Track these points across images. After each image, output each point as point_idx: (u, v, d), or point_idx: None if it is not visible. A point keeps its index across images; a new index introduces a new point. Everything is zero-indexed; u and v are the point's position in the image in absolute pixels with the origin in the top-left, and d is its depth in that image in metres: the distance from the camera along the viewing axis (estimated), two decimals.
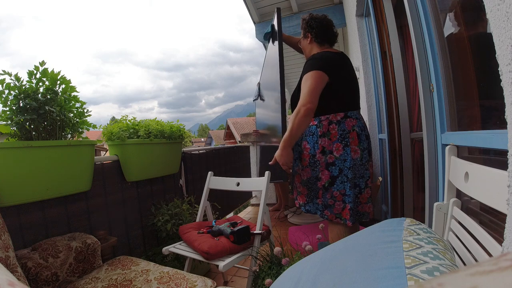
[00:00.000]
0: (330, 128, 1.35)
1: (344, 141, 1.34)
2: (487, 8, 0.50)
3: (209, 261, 1.24)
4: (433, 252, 0.48)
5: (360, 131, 1.37)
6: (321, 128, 1.37)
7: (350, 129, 1.34)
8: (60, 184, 1.20)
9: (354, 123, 1.36)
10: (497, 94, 0.51)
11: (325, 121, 1.36)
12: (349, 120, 1.36)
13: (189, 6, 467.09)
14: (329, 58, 1.38)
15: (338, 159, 1.34)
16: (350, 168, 1.32)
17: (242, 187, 1.64)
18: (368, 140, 1.43)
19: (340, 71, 1.38)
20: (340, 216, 1.36)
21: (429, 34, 1.07)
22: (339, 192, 1.35)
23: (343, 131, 1.34)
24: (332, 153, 1.34)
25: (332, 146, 1.34)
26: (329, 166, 1.35)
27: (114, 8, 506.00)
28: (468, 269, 0.16)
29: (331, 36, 1.50)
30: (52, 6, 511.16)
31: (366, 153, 1.38)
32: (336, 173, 1.34)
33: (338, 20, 4.23)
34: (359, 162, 1.35)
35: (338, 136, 1.34)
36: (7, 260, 0.80)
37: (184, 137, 1.99)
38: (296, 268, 0.71)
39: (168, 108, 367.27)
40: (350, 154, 1.33)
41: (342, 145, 1.33)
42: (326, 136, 1.35)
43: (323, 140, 1.35)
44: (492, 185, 0.58)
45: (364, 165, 1.37)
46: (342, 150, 1.33)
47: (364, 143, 1.38)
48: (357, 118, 1.38)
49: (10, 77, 1.08)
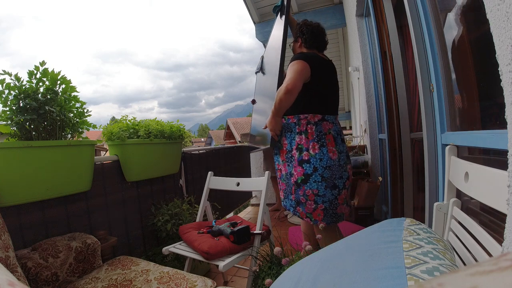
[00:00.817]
0: (308, 127, 1.41)
1: (320, 142, 1.39)
2: (487, 8, 0.50)
3: (209, 261, 1.24)
4: (433, 252, 0.48)
5: (336, 135, 1.44)
6: (299, 126, 1.43)
7: (326, 131, 1.41)
8: (60, 184, 1.20)
9: (331, 127, 1.43)
10: (497, 94, 0.51)
11: (303, 120, 1.42)
12: (326, 123, 1.43)
13: (189, 6, 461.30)
14: (315, 58, 1.45)
15: (313, 157, 1.37)
16: (326, 167, 1.37)
17: (242, 187, 1.64)
18: (344, 144, 1.49)
19: (322, 73, 1.45)
20: (311, 217, 1.40)
21: (429, 34, 1.07)
22: (312, 191, 1.38)
23: (320, 132, 1.40)
24: (308, 151, 1.39)
25: (308, 144, 1.39)
26: (303, 163, 1.39)
27: (114, 8, 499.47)
28: (468, 269, 0.16)
29: (321, 44, 1.58)
30: (52, 6, 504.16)
31: (344, 155, 1.44)
32: (310, 171, 1.37)
33: (338, 20, 4.23)
34: (337, 163, 1.39)
35: (315, 136, 1.40)
36: (7, 260, 0.80)
37: (184, 137, 1.99)
38: (296, 268, 0.71)
39: (168, 108, 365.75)
40: (327, 154, 1.38)
41: (318, 145, 1.38)
42: (303, 134, 1.41)
43: (300, 138, 1.42)
44: (492, 185, 0.58)
45: (343, 167, 1.42)
46: (319, 150, 1.38)
47: (341, 146, 1.44)
48: (333, 122, 1.46)
49: (10, 77, 1.08)
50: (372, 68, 2.51)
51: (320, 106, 1.43)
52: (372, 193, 2.25)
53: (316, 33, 1.55)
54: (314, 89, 1.42)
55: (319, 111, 1.43)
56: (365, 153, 2.84)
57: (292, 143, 1.44)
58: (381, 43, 2.07)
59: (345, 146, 1.48)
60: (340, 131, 1.49)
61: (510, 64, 0.44)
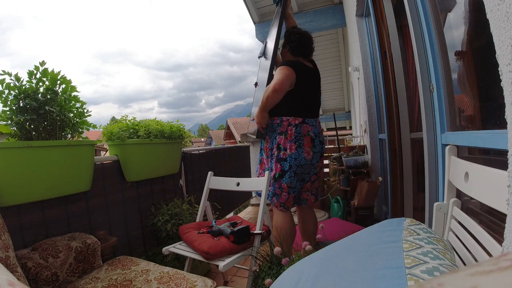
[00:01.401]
0: (288, 129, 1.56)
1: (298, 142, 1.55)
2: (487, 8, 0.50)
3: (209, 261, 1.24)
4: (433, 252, 0.48)
5: (314, 137, 1.60)
6: (281, 127, 1.58)
7: (305, 133, 1.57)
8: (60, 184, 1.20)
9: (310, 129, 1.59)
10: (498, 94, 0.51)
11: (285, 122, 1.58)
12: (306, 126, 1.58)
13: (189, 6, 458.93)
14: (300, 66, 1.59)
15: (290, 156, 1.55)
16: (299, 166, 1.56)
17: (242, 187, 1.64)
18: (322, 145, 1.65)
19: (306, 81, 1.60)
20: (284, 205, 1.62)
21: (429, 34, 1.07)
22: (287, 185, 1.58)
23: (299, 134, 1.56)
24: (286, 150, 1.56)
25: (286, 144, 1.56)
26: (280, 160, 1.57)
27: (114, 8, 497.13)
28: (468, 269, 0.16)
29: (306, 51, 1.70)
30: (52, 6, 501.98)
31: (317, 155, 1.62)
32: (286, 168, 1.56)
33: (338, 20, 4.23)
34: (310, 162, 1.59)
35: (293, 137, 1.55)
36: (7, 260, 0.80)
37: (184, 137, 1.99)
38: (296, 268, 0.71)
39: (168, 108, 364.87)
40: (302, 154, 1.55)
41: (295, 146, 1.55)
42: (283, 134, 1.57)
43: (280, 138, 1.58)
44: (492, 185, 0.58)
45: (313, 165, 1.63)
46: (295, 150, 1.55)
47: (318, 147, 1.61)
48: (313, 125, 1.61)
49: (10, 77, 1.08)
50: (372, 68, 2.51)
51: (301, 110, 1.58)
52: (372, 193, 2.25)
53: (303, 42, 1.67)
54: (297, 95, 1.57)
55: (300, 115, 1.58)
56: (365, 153, 2.84)
57: (274, 142, 1.61)
58: (381, 43, 2.07)
59: (322, 147, 1.65)
60: (319, 133, 1.64)
61: (510, 64, 0.44)
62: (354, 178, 2.56)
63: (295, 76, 1.53)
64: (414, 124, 1.79)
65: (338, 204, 2.71)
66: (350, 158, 2.64)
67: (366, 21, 2.59)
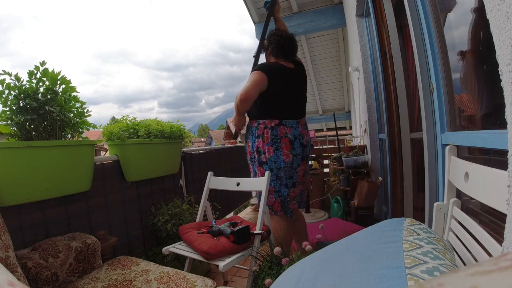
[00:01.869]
0: (265, 131, 1.56)
1: (275, 145, 1.54)
2: (487, 8, 0.50)
3: (209, 261, 1.24)
4: (433, 252, 0.48)
5: (293, 139, 1.56)
6: (258, 130, 1.58)
7: (282, 135, 1.54)
8: (60, 184, 1.20)
9: (288, 131, 1.55)
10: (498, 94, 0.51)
11: (262, 125, 1.57)
12: (283, 128, 1.55)
13: (189, 6, 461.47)
14: (275, 69, 1.59)
15: (269, 160, 1.55)
16: (280, 168, 1.55)
17: (242, 187, 1.64)
18: (304, 148, 1.61)
19: (281, 82, 1.58)
20: (272, 208, 1.61)
21: (429, 34, 1.07)
22: (271, 188, 1.57)
23: (275, 136, 1.54)
24: (265, 154, 1.56)
25: (264, 148, 1.56)
26: (262, 164, 1.59)
27: (114, 8, 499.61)
28: (468, 269, 0.16)
29: (287, 52, 1.67)
30: (52, 6, 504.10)
31: (298, 158, 1.58)
32: (267, 171, 1.53)
33: (338, 20, 4.23)
34: (289, 165, 1.56)
35: (270, 140, 1.54)
36: (7, 260, 0.80)
37: (184, 137, 1.99)
38: (296, 268, 0.71)
39: (168, 108, 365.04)
40: (281, 157, 1.54)
41: (273, 148, 1.54)
42: (261, 138, 1.57)
43: (258, 141, 1.58)
44: (492, 185, 0.58)
45: (294, 169, 1.58)
46: (273, 153, 1.54)
47: (298, 150, 1.57)
48: (292, 127, 1.57)
49: (10, 77, 1.08)
50: (372, 68, 2.51)
51: (277, 112, 1.56)
52: (372, 193, 2.25)
53: (282, 43, 1.65)
54: (272, 96, 1.56)
55: (277, 117, 1.56)
56: (365, 153, 2.84)
57: (254, 145, 1.61)
58: (381, 43, 2.07)
59: (304, 149, 1.61)
60: (300, 135, 1.60)
61: (510, 64, 0.44)
62: (354, 178, 2.56)
63: (266, 80, 1.52)
64: (414, 124, 1.79)
65: (338, 204, 2.71)
66: (350, 158, 2.64)
67: (366, 21, 2.59)
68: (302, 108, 1.70)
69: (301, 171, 1.63)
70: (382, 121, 2.33)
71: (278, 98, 1.57)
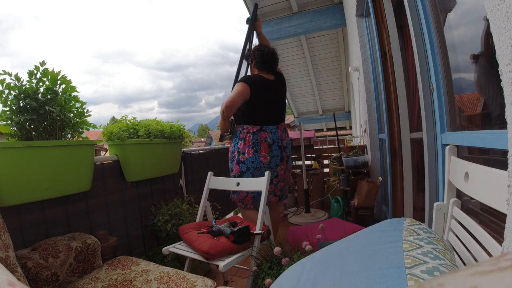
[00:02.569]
0: (247, 136, 1.78)
1: (255, 148, 1.76)
2: (487, 8, 0.50)
3: (209, 261, 1.24)
4: (433, 252, 0.48)
5: (272, 143, 1.79)
6: (241, 133, 1.80)
7: (262, 139, 1.77)
8: (60, 184, 1.20)
9: (267, 136, 1.79)
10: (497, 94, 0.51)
11: (245, 130, 1.79)
12: (263, 133, 1.78)
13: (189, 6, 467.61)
14: (258, 81, 1.82)
15: (247, 160, 1.76)
16: (256, 168, 1.76)
17: (242, 187, 1.64)
18: (283, 150, 1.85)
19: (262, 93, 1.80)
20: (242, 201, 1.83)
21: (429, 34, 1.07)
22: None
23: (256, 140, 1.77)
24: (244, 154, 1.77)
25: (245, 149, 1.77)
26: (240, 163, 1.79)
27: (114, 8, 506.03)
28: (468, 269, 0.16)
29: (270, 65, 1.90)
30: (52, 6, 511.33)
31: (277, 159, 1.81)
32: (244, 169, 1.77)
33: (338, 20, 4.23)
34: (267, 165, 1.78)
35: (251, 143, 1.77)
36: (7, 260, 0.80)
37: (184, 137, 1.99)
38: (296, 268, 0.71)
39: (168, 108, 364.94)
40: (258, 158, 1.76)
41: (253, 150, 1.76)
42: (243, 140, 1.79)
43: (240, 143, 1.80)
44: (492, 185, 0.58)
45: (272, 168, 1.80)
46: (252, 154, 1.76)
47: (276, 152, 1.80)
48: (271, 132, 1.80)
49: (10, 77, 1.08)
50: (372, 68, 2.51)
51: (258, 119, 1.79)
52: (372, 193, 2.25)
53: (265, 58, 1.88)
54: (254, 105, 1.78)
55: (258, 123, 1.78)
56: (365, 153, 2.84)
57: (236, 146, 1.82)
58: (381, 43, 2.07)
59: (282, 151, 1.84)
60: (279, 139, 1.83)
61: (510, 64, 0.44)
62: (354, 178, 2.56)
63: (249, 91, 1.74)
64: (414, 124, 1.79)
65: (338, 204, 2.71)
66: (350, 158, 2.64)
67: (366, 21, 2.59)
68: (282, 114, 1.93)
69: (281, 170, 1.85)
70: (382, 121, 2.33)
71: (259, 107, 1.79)
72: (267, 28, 4.68)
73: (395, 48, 1.85)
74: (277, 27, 4.60)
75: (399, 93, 1.84)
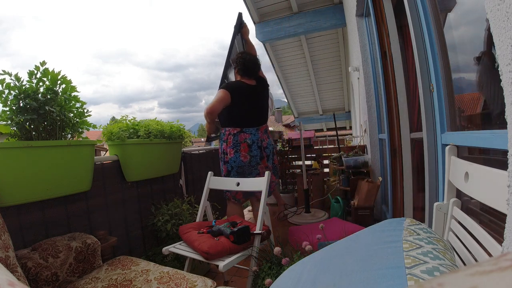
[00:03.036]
0: (229, 137, 1.94)
1: (235, 148, 1.91)
2: (487, 8, 0.50)
3: (209, 261, 1.24)
4: (433, 252, 0.48)
5: (251, 143, 1.94)
6: (224, 135, 1.96)
7: (242, 140, 1.92)
8: (60, 184, 1.20)
9: (247, 137, 1.93)
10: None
11: (227, 132, 1.95)
12: (243, 134, 1.93)
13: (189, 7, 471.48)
14: (238, 87, 1.96)
15: (231, 159, 1.92)
16: (239, 167, 1.93)
17: (242, 187, 1.64)
18: (262, 150, 2.00)
19: (242, 98, 1.94)
20: (235, 197, 2.00)
21: (429, 34, 1.07)
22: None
23: (236, 141, 1.92)
24: (228, 155, 1.93)
25: (227, 150, 1.93)
26: (226, 163, 1.96)
27: (114, 8, 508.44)
28: (468, 269, 0.16)
29: (251, 72, 2.03)
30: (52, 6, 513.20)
31: (257, 158, 1.96)
32: (229, 168, 1.94)
33: (338, 20, 4.23)
34: (248, 164, 1.93)
35: (232, 144, 1.92)
36: (7, 260, 0.80)
37: (184, 137, 1.99)
38: (296, 268, 0.71)
39: (168, 108, 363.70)
40: (239, 158, 1.91)
41: (233, 151, 1.91)
42: (225, 142, 1.95)
43: (224, 144, 1.96)
44: (492, 185, 0.58)
45: (253, 167, 1.97)
46: (233, 154, 1.92)
47: (256, 151, 1.95)
48: (251, 133, 1.95)
49: (10, 77, 1.08)
50: (372, 68, 2.51)
51: (239, 122, 1.94)
52: (372, 193, 2.24)
53: (247, 65, 2.01)
54: (235, 109, 1.92)
55: (238, 125, 1.93)
56: (365, 153, 2.84)
57: (221, 148, 1.99)
58: (381, 43, 2.07)
59: (261, 151, 1.98)
60: (259, 140, 1.97)
61: (510, 64, 0.44)
62: (354, 178, 2.55)
63: (229, 97, 1.89)
64: (414, 124, 1.79)
65: (338, 204, 2.71)
66: (350, 158, 2.64)
67: (366, 21, 2.59)
68: (263, 117, 2.08)
69: (261, 168, 2.01)
70: (382, 121, 2.33)
71: (239, 111, 1.94)
72: (267, 28, 4.68)
73: (395, 48, 1.85)
74: (277, 27, 4.60)
75: (399, 93, 1.84)
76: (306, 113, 8.56)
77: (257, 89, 2.03)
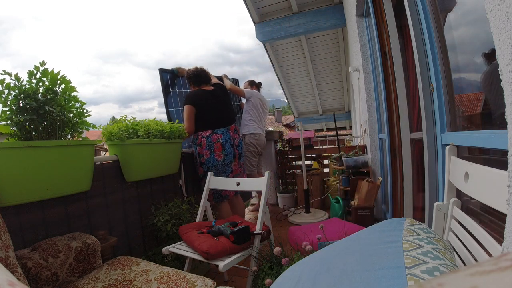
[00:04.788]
0: (202, 140, 2.11)
1: (210, 149, 2.09)
2: (487, 8, 0.50)
3: (209, 261, 1.24)
4: (433, 252, 0.48)
5: (225, 142, 2.12)
6: (197, 139, 2.13)
7: (215, 141, 2.10)
8: (60, 184, 1.20)
9: (219, 137, 2.11)
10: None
11: (200, 135, 2.12)
12: (215, 135, 2.11)
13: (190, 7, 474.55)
14: (196, 96, 2.16)
15: (206, 161, 2.10)
16: (214, 166, 2.08)
17: (242, 187, 1.64)
18: (235, 148, 2.19)
19: (205, 103, 2.13)
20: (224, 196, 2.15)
21: (429, 34, 1.07)
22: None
23: (210, 143, 2.09)
24: (203, 157, 2.10)
25: (203, 152, 2.10)
26: (202, 164, 2.13)
27: (114, 8, 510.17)
28: (468, 269, 0.16)
29: (203, 79, 2.26)
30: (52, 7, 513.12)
31: (230, 156, 2.13)
32: (206, 169, 2.08)
33: (338, 20, 4.23)
34: (222, 163, 2.10)
35: (206, 146, 2.09)
36: (7, 260, 0.80)
37: (184, 137, 1.99)
38: (296, 268, 0.71)
39: None
40: (214, 157, 2.08)
41: (209, 152, 2.09)
42: (200, 145, 2.12)
43: (198, 148, 2.13)
44: (492, 185, 0.58)
45: (227, 165, 2.12)
46: (209, 155, 2.09)
47: (229, 150, 2.13)
48: (222, 133, 2.13)
49: (10, 77, 1.08)
50: (372, 68, 2.51)
51: (209, 124, 2.12)
52: (372, 193, 2.25)
53: (196, 75, 2.23)
54: (202, 115, 2.11)
55: (209, 128, 2.11)
56: (365, 153, 2.84)
57: (196, 151, 2.15)
58: (381, 43, 2.07)
59: (234, 149, 2.17)
60: (230, 139, 2.16)
61: (510, 64, 0.44)
62: (354, 178, 2.55)
63: (194, 108, 2.08)
64: (414, 124, 1.79)
65: (338, 204, 2.71)
66: (350, 158, 2.64)
67: (366, 21, 2.59)
68: (230, 117, 2.25)
69: (235, 165, 2.20)
70: (382, 121, 2.33)
71: (206, 114, 2.12)
72: (267, 28, 4.68)
73: (395, 48, 1.84)
74: (277, 27, 4.60)
75: (399, 93, 1.84)
76: (306, 113, 8.56)
77: (215, 92, 2.23)
